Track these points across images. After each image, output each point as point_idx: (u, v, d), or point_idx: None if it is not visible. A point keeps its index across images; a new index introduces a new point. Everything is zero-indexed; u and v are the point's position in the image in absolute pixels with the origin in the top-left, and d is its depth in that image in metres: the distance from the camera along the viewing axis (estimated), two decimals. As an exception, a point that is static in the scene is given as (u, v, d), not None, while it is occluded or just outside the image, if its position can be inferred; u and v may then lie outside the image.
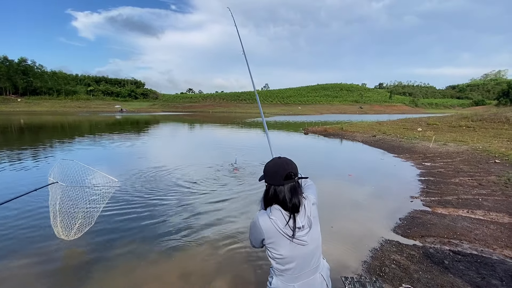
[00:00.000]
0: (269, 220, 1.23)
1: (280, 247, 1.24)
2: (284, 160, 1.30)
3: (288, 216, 1.22)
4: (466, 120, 16.24)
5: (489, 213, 4.38)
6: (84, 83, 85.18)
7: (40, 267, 3.02)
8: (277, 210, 1.24)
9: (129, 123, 29.00)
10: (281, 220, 1.22)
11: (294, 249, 1.24)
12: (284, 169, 1.25)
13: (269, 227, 1.23)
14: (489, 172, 6.84)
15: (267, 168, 1.30)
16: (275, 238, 1.23)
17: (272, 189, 1.26)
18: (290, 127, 25.17)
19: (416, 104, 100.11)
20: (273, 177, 1.25)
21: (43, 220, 4.04)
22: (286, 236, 1.22)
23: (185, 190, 5.75)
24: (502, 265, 2.94)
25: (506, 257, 3.12)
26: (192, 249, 3.45)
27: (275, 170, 1.26)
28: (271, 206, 1.26)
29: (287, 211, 1.24)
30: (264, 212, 1.28)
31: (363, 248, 3.46)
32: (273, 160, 1.32)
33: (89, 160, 8.87)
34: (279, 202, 1.25)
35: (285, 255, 1.24)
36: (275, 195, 1.25)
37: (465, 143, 10.82)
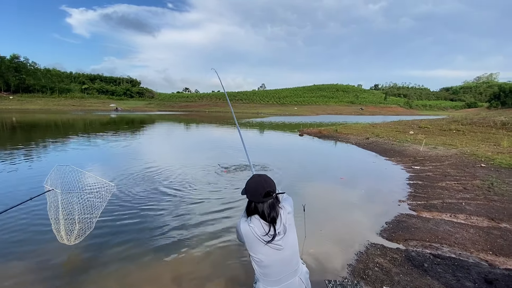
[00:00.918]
0: (248, 227, 1.42)
1: (258, 251, 1.43)
2: (263, 179, 1.46)
3: (267, 226, 1.41)
4: (456, 123, 16.63)
5: (470, 217, 4.60)
6: (79, 81, 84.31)
7: (37, 272, 3.12)
8: (257, 220, 1.43)
9: (124, 122, 28.89)
10: (259, 228, 1.41)
11: (271, 253, 1.43)
12: (263, 187, 1.41)
13: (247, 232, 1.42)
14: (475, 176, 7.10)
15: (248, 186, 1.46)
16: (253, 243, 1.42)
17: (252, 204, 1.44)
18: (285, 128, 25.38)
19: (411, 106, 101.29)
20: (253, 195, 1.43)
21: (40, 227, 4.13)
22: (262, 241, 1.40)
23: (178, 192, 5.87)
24: (477, 268, 3.14)
25: (481, 260, 3.32)
26: (186, 252, 3.58)
27: (255, 189, 1.42)
28: (252, 216, 1.45)
29: (266, 221, 1.42)
30: (245, 220, 1.46)
31: (349, 251, 3.63)
32: (253, 178, 1.47)
33: (84, 160, 8.93)
34: (259, 215, 1.43)
35: (263, 258, 1.43)
36: (256, 209, 1.44)
37: (454, 146, 11.12)
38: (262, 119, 41.28)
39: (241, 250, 3.62)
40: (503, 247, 3.60)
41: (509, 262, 3.27)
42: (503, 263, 3.26)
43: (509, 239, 3.81)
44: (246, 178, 1.56)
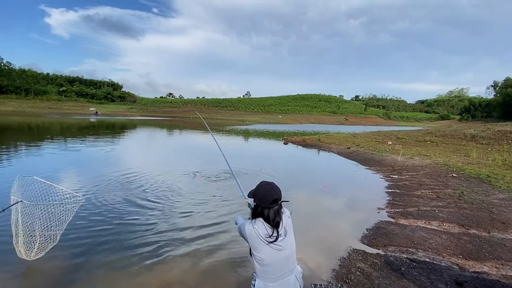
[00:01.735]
0: (252, 229, 1.56)
1: (260, 251, 1.56)
2: (272, 187, 1.61)
3: (271, 229, 1.56)
4: (430, 135, 17.65)
5: (443, 223, 4.92)
6: (56, 83, 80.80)
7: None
8: (261, 222, 1.57)
9: (104, 127, 28.03)
10: (263, 230, 1.55)
11: (272, 253, 1.56)
12: (271, 195, 1.56)
13: (251, 233, 1.56)
14: (447, 185, 7.58)
15: (257, 191, 1.60)
16: (256, 243, 1.56)
17: (259, 208, 1.58)
18: (270, 136, 25.68)
19: (389, 117, 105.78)
20: (261, 200, 1.57)
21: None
22: (264, 241, 1.54)
23: (154, 204, 5.66)
24: (449, 271, 3.39)
25: (452, 263, 3.58)
26: (171, 260, 3.57)
27: (264, 195, 1.57)
28: (257, 218, 1.59)
29: (270, 225, 1.56)
30: (250, 222, 1.61)
31: (333, 257, 3.78)
32: (263, 186, 1.62)
33: (58, 166, 8.61)
34: (264, 218, 1.57)
35: (264, 257, 1.56)
36: (262, 213, 1.58)
37: (429, 157, 11.79)
38: (247, 126, 41.50)
39: (228, 259, 3.67)
40: (472, 252, 3.89)
41: (478, 266, 3.55)
42: (472, 266, 3.54)
43: (477, 244, 4.12)
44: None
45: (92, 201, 5.58)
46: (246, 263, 3.52)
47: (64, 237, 3.67)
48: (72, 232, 4.11)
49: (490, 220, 5.03)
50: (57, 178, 7.13)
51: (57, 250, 3.44)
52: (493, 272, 3.39)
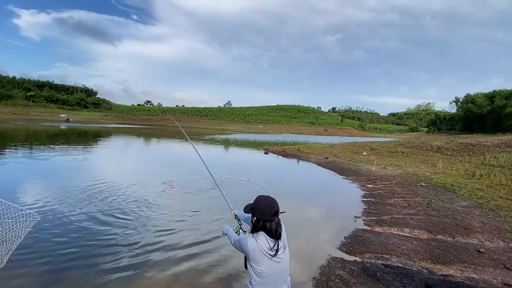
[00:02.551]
0: (255, 243, 1.60)
1: (262, 264, 1.60)
2: (271, 200, 1.68)
3: (272, 242, 1.62)
4: (401, 146, 18.78)
5: (414, 230, 5.25)
6: (24, 87, 75.92)
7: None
8: (263, 236, 1.62)
9: (76, 135, 26.68)
10: (265, 243, 1.60)
11: (273, 265, 1.62)
12: (272, 208, 1.64)
13: (255, 249, 1.60)
14: (417, 194, 8.08)
15: (257, 206, 1.66)
16: (259, 257, 1.60)
17: (261, 222, 1.64)
18: (251, 146, 25.83)
19: (364, 128, 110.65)
20: (263, 214, 1.63)
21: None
22: (267, 255, 1.60)
23: (130, 216, 5.49)
24: (419, 275, 3.63)
25: (422, 268, 3.84)
26: (147, 279, 3.49)
27: (265, 209, 1.63)
28: (258, 232, 1.64)
29: (272, 238, 1.63)
30: (252, 236, 1.65)
31: (313, 265, 3.90)
32: (262, 200, 1.69)
33: (17, 178, 7.90)
34: (266, 231, 1.63)
35: (265, 270, 1.61)
36: (264, 227, 1.63)
37: (400, 167, 12.52)
38: (228, 136, 41.43)
39: (208, 275, 3.65)
40: (440, 256, 4.19)
41: (444, 269, 3.83)
42: (439, 269, 3.81)
43: (444, 249, 4.44)
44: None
45: (52, 218, 5.03)
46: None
47: (15, 262, 3.32)
48: (26, 255, 3.70)
49: (454, 226, 5.45)
50: (14, 191, 6.52)
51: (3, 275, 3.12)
52: (458, 274, 3.67)
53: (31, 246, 3.93)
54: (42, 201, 5.88)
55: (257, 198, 1.73)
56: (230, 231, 1.94)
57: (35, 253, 3.80)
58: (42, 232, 4.42)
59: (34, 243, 4.06)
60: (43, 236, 4.32)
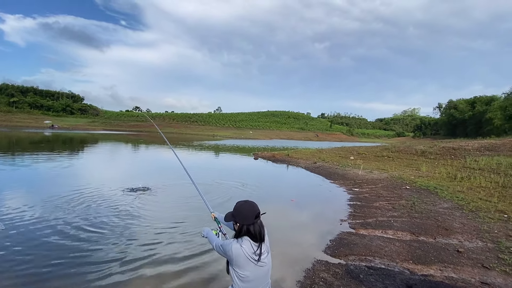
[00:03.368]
0: (240, 248, 1.60)
1: (246, 269, 1.61)
2: (251, 204, 1.70)
3: (256, 246, 1.63)
4: (387, 151, 19.21)
5: (397, 232, 5.36)
6: (6, 93, 73.51)
7: None
8: (247, 241, 1.63)
9: (60, 142, 25.97)
10: (249, 248, 1.61)
11: (256, 270, 1.63)
12: (253, 211, 1.66)
13: (239, 254, 1.60)
14: (401, 196, 8.27)
15: (239, 212, 1.67)
16: (243, 262, 1.60)
17: (244, 227, 1.64)
18: (241, 151, 25.81)
19: (352, 134, 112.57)
20: (245, 219, 1.64)
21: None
22: (252, 260, 1.60)
23: (109, 226, 5.29)
24: (401, 276, 3.70)
25: (404, 269, 3.92)
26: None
27: (247, 213, 1.65)
28: (242, 237, 1.65)
29: (256, 242, 1.64)
30: (236, 241, 1.65)
31: (298, 268, 3.91)
32: (242, 205, 1.70)
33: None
34: (250, 235, 1.64)
35: (248, 274, 1.62)
36: (248, 231, 1.64)
37: (386, 171, 12.79)
38: (218, 141, 41.25)
39: (192, 280, 3.61)
40: (421, 257, 4.29)
41: (425, 269, 3.92)
42: (420, 270, 3.90)
43: (425, 250, 4.55)
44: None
45: (24, 230, 4.68)
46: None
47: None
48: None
49: (436, 227, 5.60)
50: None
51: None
52: (438, 274, 3.77)
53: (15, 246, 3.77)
54: (15, 211, 5.64)
55: (237, 204, 1.73)
56: (211, 235, 1.93)
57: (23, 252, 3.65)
58: (9, 246, 4.15)
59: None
60: (11, 249, 4.05)
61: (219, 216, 2.16)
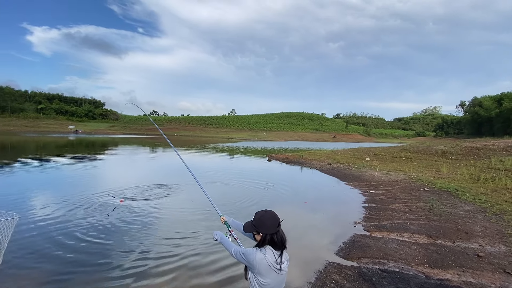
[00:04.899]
0: (264, 258, 1.63)
1: (267, 277, 1.65)
2: (272, 214, 1.74)
3: (278, 254, 1.66)
4: (405, 151, 18.61)
5: (413, 235, 5.22)
6: (34, 100, 78.04)
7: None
8: (270, 250, 1.66)
9: (84, 145, 27.21)
10: (272, 257, 1.64)
11: (277, 277, 1.67)
12: (276, 220, 1.71)
13: (263, 263, 1.63)
14: (419, 199, 8.01)
15: (262, 222, 1.70)
16: (265, 270, 1.64)
17: (268, 236, 1.68)
18: (255, 153, 25.92)
19: (369, 134, 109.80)
20: (270, 228, 1.68)
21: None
22: (274, 269, 1.64)
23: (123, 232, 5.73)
24: (415, 279, 3.62)
25: (419, 272, 3.82)
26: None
27: (269, 223, 1.69)
28: (265, 246, 1.68)
29: (278, 250, 1.67)
30: (259, 250, 1.67)
31: (310, 270, 3.92)
32: (263, 215, 1.73)
33: (22, 185, 8.28)
34: (273, 244, 1.68)
35: (270, 282, 1.66)
36: (272, 240, 1.67)
37: (403, 172, 12.41)
38: (232, 143, 41.65)
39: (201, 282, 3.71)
40: (437, 261, 4.17)
41: (441, 273, 3.81)
42: (436, 274, 3.79)
43: (442, 253, 4.41)
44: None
45: (45, 228, 5.09)
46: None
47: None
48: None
49: (455, 230, 5.40)
50: (21, 198, 6.87)
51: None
52: (455, 279, 3.65)
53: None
54: (38, 211, 6.06)
55: (257, 215, 1.76)
56: (227, 240, 1.95)
57: (34, 256, 3.94)
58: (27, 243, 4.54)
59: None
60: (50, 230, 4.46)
61: (229, 220, 2.21)
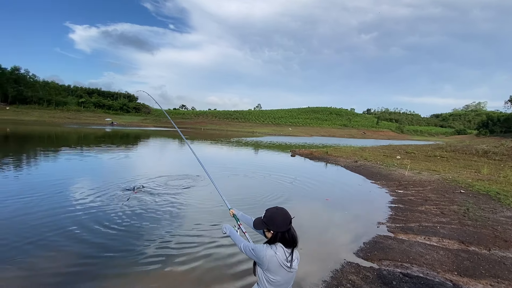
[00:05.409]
0: (274, 256, 1.63)
1: (277, 274, 1.64)
2: (283, 211, 1.72)
3: (289, 252, 1.65)
4: (441, 150, 17.27)
5: (443, 240, 4.87)
6: (76, 94, 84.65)
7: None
8: (280, 247, 1.65)
9: (119, 137, 29.01)
10: (283, 255, 1.64)
11: (286, 275, 1.66)
12: (287, 217, 1.69)
13: (273, 261, 1.63)
14: (453, 201, 7.43)
15: (274, 220, 1.68)
16: (276, 268, 1.64)
17: (279, 234, 1.66)
18: (278, 148, 25.79)
19: (402, 131, 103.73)
20: (281, 226, 1.66)
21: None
22: (285, 267, 1.63)
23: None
24: (441, 287, 3.38)
25: (446, 280, 3.56)
26: (167, 265, 3.73)
27: (281, 220, 1.67)
28: (276, 243, 1.67)
29: (289, 247, 1.67)
30: (270, 247, 1.66)
31: (326, 268, 3.83)
32: (275, 212, 1.71)
33: (63, 171, 9.01)
34: (284, 242, 1.66)
35: (279, 279, 1.65)
36: (283, 237, 1.66)
37: (437, 172, 11.57)
38: (256, 138, 41.81)
39: (219, 268, 3.80)
40: (468, 269, 3.85)
41: (472, 283, 3.52)
42: (466, 283, 3.51)
43: (475, 262, 4.07)
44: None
45: (95, 211, 5.67)
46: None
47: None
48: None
49: (492, 237, 4.94)
50: (60, 183, 7.52)
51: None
52: (488, 290, 3.35)
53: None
54: (79, 195, 6.59)
55: (268, 212, 1.72)
56: (236, 234, 1.92)
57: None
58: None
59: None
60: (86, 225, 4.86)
61: (238, 213, 2.20)
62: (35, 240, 4.17)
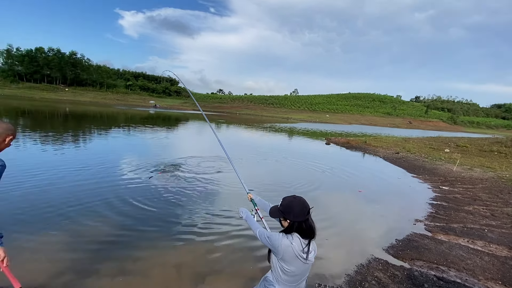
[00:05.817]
0: (290, 246, 1.59)
1: (292, 264, 1.61)
2: (301, 200, 1.65)
3: (305, 243, 1.60)
4: (499, 145, 15.19)
5: (490, 244, 4.38)
6: (124, 77, 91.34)
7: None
8: (297, 238, 1.60)
9: (161, 119, 30.85)
10: (299, 246, 1.59)
11: (301, 266, 1.62)
12: (305, 207, 1.61)
13: (288, 251, 1.59)
14: (508, 203, 6.60)
15: (291, 209, 1.61)
16: (290, 258, 1.60)
17: (296, 223, 1.60)
18: (313, 135, 25.15)
19: (455, 122, 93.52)
20: (299, 216, 1.59)
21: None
22: (300, 258, 1.59)
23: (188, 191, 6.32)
24: (481, 296, 3.07)
25: (488, 288, 3.22)
26: (190, 244, 3.95)
27: (299, 209, 1.60)
28: (292, 233, 1.62)
29: (306, 238, 1.61)
30: (286, 237, 1.61)
31: (351, 262, 3.72)
32: (292, 201, 1.64)
33: (111, 149, 9.86)
34: (301, 232, 1.61)
35: (294, 270, 1.62)
36: (300, 228, 1.60)
37: (492, 169, 10.28)
38: (290, 124, 41.19)
39: (242, 250, 3.90)
40: (518, 280, 3.43)
41: (521, 296, 3.14)
42: (513, 295, 3.14)
43: (528, 273, 3.60)
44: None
45: (131, 186, 6.26)
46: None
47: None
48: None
49: (554, 248, 4.30)
50: (103, 161, 8.27)
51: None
52: (540, 306, 2.96)
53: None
54: (121, 170, 7.21)
55: (286, 201, 1.66)
56: (253, 220, 1.88)
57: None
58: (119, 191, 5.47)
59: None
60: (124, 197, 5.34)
61: (256, 198, 2.19)
62: (78, 208, 4.70)
